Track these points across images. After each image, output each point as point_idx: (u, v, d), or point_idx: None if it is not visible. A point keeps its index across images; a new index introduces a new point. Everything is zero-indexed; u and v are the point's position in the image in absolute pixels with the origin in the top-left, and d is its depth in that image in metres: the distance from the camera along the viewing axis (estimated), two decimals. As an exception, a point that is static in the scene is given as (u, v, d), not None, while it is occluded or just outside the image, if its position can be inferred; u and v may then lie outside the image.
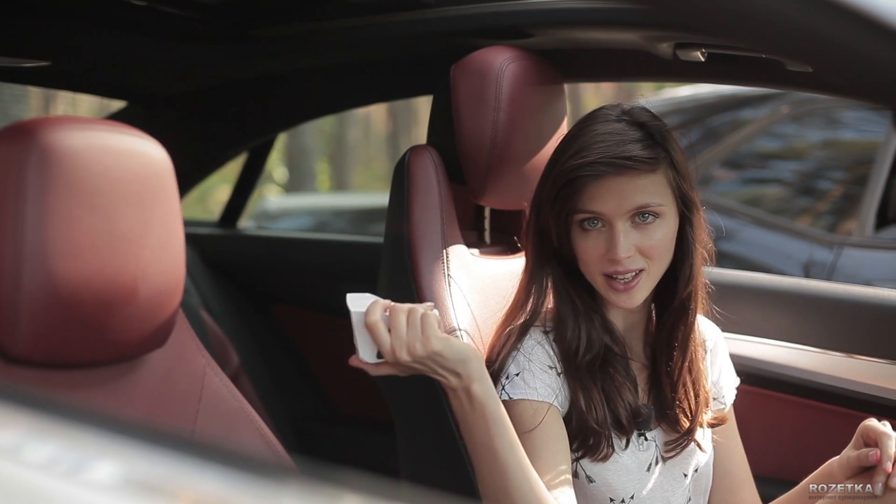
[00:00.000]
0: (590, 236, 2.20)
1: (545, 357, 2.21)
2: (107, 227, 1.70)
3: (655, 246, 2.19)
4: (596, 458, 2.21)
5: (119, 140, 1.76)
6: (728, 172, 5.59)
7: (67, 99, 15.68)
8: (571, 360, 2.21)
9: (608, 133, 2.18)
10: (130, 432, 1.09)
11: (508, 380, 2.20)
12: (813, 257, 4.82)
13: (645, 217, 2.18)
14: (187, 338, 2.01)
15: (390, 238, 2.51)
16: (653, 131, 2.21)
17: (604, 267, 2.19)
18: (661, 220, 2.19)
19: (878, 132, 5.06)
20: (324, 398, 4.11)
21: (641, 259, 2.18)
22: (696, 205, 2.26)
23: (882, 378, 2.69)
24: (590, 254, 2.20)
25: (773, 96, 5.42)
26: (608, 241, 2.18)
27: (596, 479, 2.22)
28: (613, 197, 2.16)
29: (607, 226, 2.18)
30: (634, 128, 2.20)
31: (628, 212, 2.17)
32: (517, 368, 2.20)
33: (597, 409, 2.20)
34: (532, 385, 2.18)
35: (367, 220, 8.29)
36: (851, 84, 1.73)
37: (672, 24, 2.48)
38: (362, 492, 1.03)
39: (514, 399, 2.18)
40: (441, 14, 2.83)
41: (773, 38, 1.18)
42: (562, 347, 2.22)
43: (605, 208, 2.17)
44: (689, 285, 2.27)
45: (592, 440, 2.21)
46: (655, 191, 2.18)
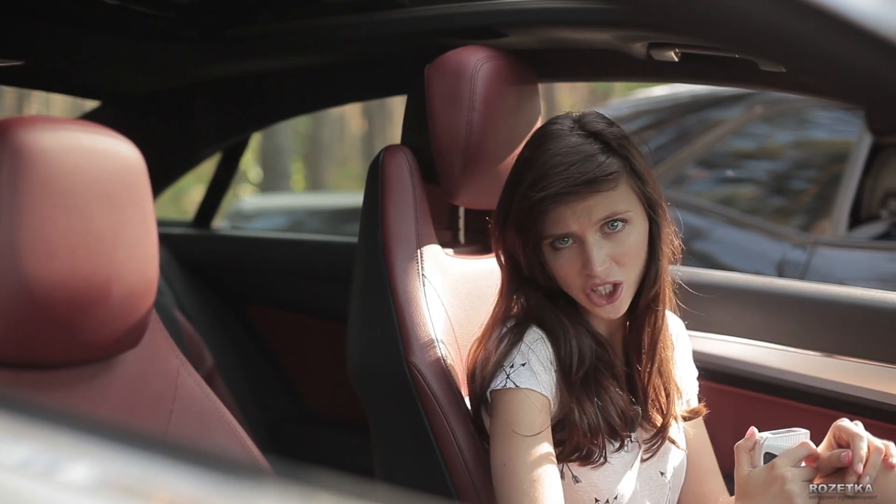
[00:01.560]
0: (563, 255, 2.21)
1: (547, 353, 2.21)
2: (80, 227, 1.70)
3: (628, 252, 2.19)
4: (586, 464, 2.22)
5: (92, 140, 1.75)
6: (702, 172, 5.60)
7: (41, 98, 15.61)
8: (567, 376, 2.21)
9: (565, 153, 2.17)
10: (104, 433, 1.09)
11: (514, 369, 2.18)
12: (786, 257, 4.83)
13: (614, 226, 2.18)
14: (161, 338, 2.01)
15: (364, 238, 2.50)
16: (609, 140, 2.20)
17: (583, 282, 2.19)
18: (630, 225, 2.20)
19: (850, 132, 5.08)
20: (298, 398, 4.11)
21: (617, 270, 2.18)
22: (660, 206, 2.27)
23: (855, 377, 2.70)
24: (566, 271, 2.21)
25: (747, 96, 5.43)
26: (582, 256, 2.18)
27: (582, 480, 2.22)
28: (579, 216, 2.16)
29: (578, 241, 2.19)
30: (590, 140, 2.19)
31: (596, 224, 2.17)
32: (523, 359, 2.19)
33: (590, 420, 2.20)
34: (537, 377, 2.17)
35: (341, 219, 8.28)
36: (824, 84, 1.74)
37: (645, 24, 2.49)
38: (337, 492, 1.03)
39: (520, 387, 2.17)
40: (415, 14, 2.83)
41: (745, 39, 1.19)
42: (558, 360, 2.23)
43: (574, 227, 2.17)
44: (656, 286, 2.28)
45: (587, 450, 2.21)
46: (620, 200, 2.19)
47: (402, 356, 2.32)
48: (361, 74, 3.42)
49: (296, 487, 1.04)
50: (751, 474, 2.13)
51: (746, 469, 2.14)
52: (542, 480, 2.11)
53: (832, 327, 2.82)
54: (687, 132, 5.57)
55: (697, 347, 2.65)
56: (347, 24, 2.93)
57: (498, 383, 2.19)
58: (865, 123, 3.97)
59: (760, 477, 2.11)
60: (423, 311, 2.37)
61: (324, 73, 3.49)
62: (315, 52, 3.22)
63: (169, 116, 3.89)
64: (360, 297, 2.49)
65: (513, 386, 2.17)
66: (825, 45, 1.11)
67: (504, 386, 2.17)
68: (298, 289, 4.03)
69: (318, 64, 3.41)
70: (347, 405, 3.19)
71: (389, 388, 2.37)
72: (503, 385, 2.17)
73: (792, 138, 5.69)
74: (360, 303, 2.49)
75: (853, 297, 2.83)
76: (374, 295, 2.42)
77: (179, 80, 3.67)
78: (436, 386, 2.30)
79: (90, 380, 1.86)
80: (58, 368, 1.81)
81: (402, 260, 2.42)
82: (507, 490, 2.13)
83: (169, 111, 3.86)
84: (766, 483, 2.09)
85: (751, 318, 2.95)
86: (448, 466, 2.29)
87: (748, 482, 2.12)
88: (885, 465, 2.08)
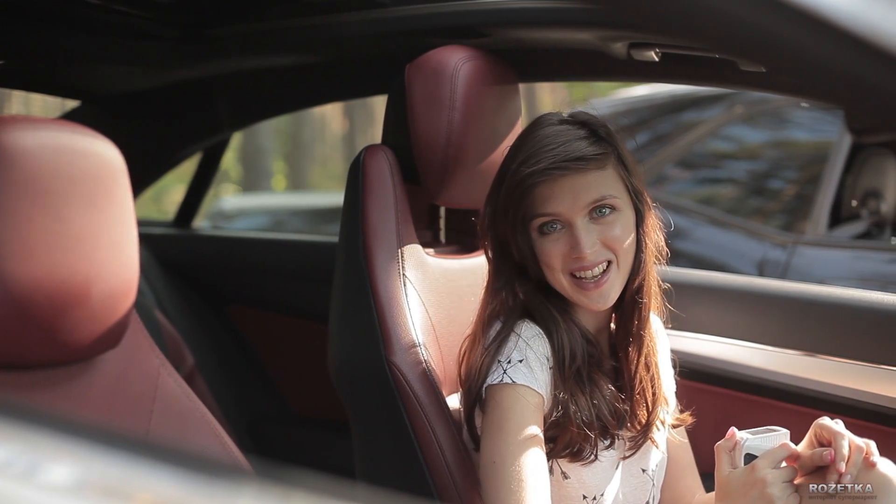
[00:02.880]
0: (550, 239, 2.21)
1: (544, 349, 2.21)
2: (59, 227, 1.69)
3: (618, 237, 2.21)
4: (578, 460, 2.22)
5: (72, 140, 1.75)
6: (682, 172, 5.62)
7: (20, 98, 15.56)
8: (562, 370, 2.21)
9: (554, 135, 2.21)
10: (85, 434, 1.09)
11: (511, 364, 2.18)
12: (767, 256, 4.85)
13: (602, 211, 2.20)
14: (141, 338, 2.00)
15: (345, 238, 2.50)
16: (596, 128, 2.24)
17: (569, 266, 2.20)
18: (619, 213, 2.21)
19: (830, 132, 5.10)
20: (279, 398, 4.10)
21: (606, 251, 2.20)
22: (646, 200, 2.29)
23: (835, 376, 2.71)
24: (553, 255, 2.21)
25: (727, 96, 5.45)
26: (570, 240, 2.19)
27: (571, 477, 2.23)
28: (568, 196, 2.18)
29: (566, 226, 2.20)
30: (577, 126, 2.23)
31: (585, 208, 2.19)
32: (520, 355, 2.18)
33: (584, 416, 2.20)
34: (534, 374, 2.17)
35: (322, 219, 8.28)
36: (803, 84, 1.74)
37: (626, 24, 2.49)
38: (317, 492, 1.03)
39: (517, 384, 2.16)
40: (396, 13, 2.83)
41: (725, 39, 1.19)
42: (554, 352, 2.23)
43: (561, 208, 2.18)
44: (640, 276, 2.28)
45: (578, 446, 2.21)
46: (607, 184, 2.21)
47: (382, 356, 2.32)
48: (342, 74, 3.42)
49: (276, 487, 1.04)
50: (731, 475, 2.14)
51: (727, 470, 2.15)
52: (531, 480, 2.10)
53: (812, 326, 2.83)
54: (668, 132, 5.58)
55: (678, 346, 2.66)
56: (328, 24, 2.93)
57: (494, 378, 2.18)
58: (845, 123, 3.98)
59: (741, 479, 2.12)
60: (404, 310, 2.37)
61: (304, 72, 3.48)
62: (295, 52, 3.22)
63: (149, 116, 3.88)
64: (341, 296, 2.49)
65: (509, 381, 2.16)
66: (805, 45, 1.11)
67: (500, 381, 2.17)
68: (279, 288, 4.02)
69: (298, 63, 3.40)
70: (328, 405, 3.18)
71: (370, 388, 2.36)
72: (499, 380, 2.17)
73: (772, 138, 5.71)
74: (341, 302, 2.48)
75: (833, 296, 2.84)
76: (355, 295, 2.41)
77: (160, 80, 3.65)
78: (417, 385, 2.30)
79: (70, 380, 1.85)
80: (37, 369, 1.80)
81: (383, 260, 2.42)
82: (494, 487, 2.13)
83: (149, 111, 3.85)
84: (746, 485, 2.10)
85: (731, 317, 2.95)
86: (429, 466, 2.29)
87: (729, 483, 2.13)
88: (866, 464, 2.09)
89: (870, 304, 2.75)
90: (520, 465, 2.11)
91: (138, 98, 3.78)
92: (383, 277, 2.40)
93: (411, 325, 2.36)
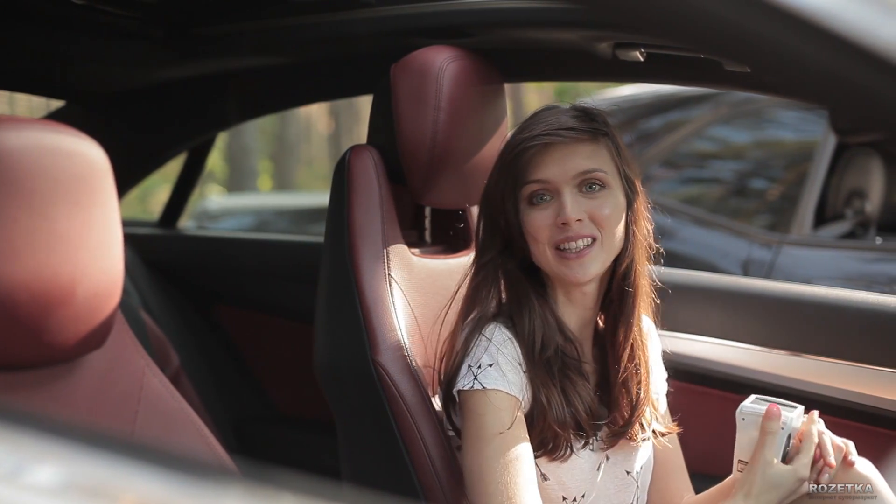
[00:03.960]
0: (539, 209, 2.23)
1: (514, 352, 2.21)
2: (44, 227, 1.69)
3: (608, 216, 2.22)
4: (554, 458, 2.22)
5: (57, 140, 1.74)
6: (667, 171, 5.62)
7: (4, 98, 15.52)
8: (531, 357, 2.21)
9: (553, 113, 2.27)
10: (70, 434, 1.08)
11: (481, 370, 2.18)
12: (752, 256, 4.86)
13: (592, 187, 2.22)
14: (126, 339, 2.00)
15: (330, 238, 2.50)
16: (592, 114, 2.29)
17: (554, 236, 2.20)
18: (608, 191, 2.23)
19: (815, 132, 5.11)
20: (264, 398, 4.10)
21: (593, 227, 2.21)
22: (638, 190, 2.31)
23: (820, 375, 2.72)
24: (540, 227, 2.22)
25: (713, 96, 5.45)
26: (557, 208, 2.20)
27: (550, 478, 2.23)
28: (557, 163, 2.20)
29: (555, 196, 2.21)
30: (575, 109, 2.29)
31: (574, 178, 2.21)
32: (490, 359, 2.19)
33: (557, 409, 2.20)
34: (506, 377, 2.17)
35: (307, 219, 8.27)
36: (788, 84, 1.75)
37: (611, 24, 2.49)
38: (303, 492, 1.03)
39: (488, 389, 2.16)
40: (381, 13, 2.83)
41: (710, 39, 1.19)
42: (522, 343, 2.23)
43: (550, 175, 2.20)
44: (626, 266, 2.29)
45: (552, 443, 2.21)
46: (597, 158, 2.24)
47: (368, 356, 2.32)
48: (328, 74, 3.42)
49: (261, 487, 1.04)
50: (778, 469, 2.16)
51: (771, 458, 2.16)
52: (514, 485, 2.11)
53: (797, 326, 2.84)
54: (653, 132, 5.59)
55: (663, 346, 2.66)
56: (314, 24, 2.93)
57: (465, 384, 2.19)
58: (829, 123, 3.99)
59: (785, 475, 2.15)
60: (390, 310, 2.37)
61: (290, 72, 3.48)
62: (281, 52, 3.22)
63: (134, 116, 3.87)
64: (327, 296, 2.49)
65: (480, 387, 2.17)
66: (789, 45, 1.12)
67: (471, 387, 2.17)
68: (265, 289, 4.02)
69: (284, 63, 3.40)
70: (314, 405, 3.18)
71: (356, 388, 2.36)
72: (470, 386, 2.18)
73: (757, 138, 5.72)
74: (327, 303, 2.48)
75: (818, 296, 2.85)
76: (341, 295, 2.41)
77: (145, 80, 3.65)
78: (402, 385, 2.30)
79: (55, 381, 1.85)
80: (22, 370, 1.80)
81: (369, 260, 2.42)
82: (480, 496, 2.13)
83: (134, 111, 3.85)
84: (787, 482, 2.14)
85: (716, 316, 2.96)
86: (415, 466, 2.29)
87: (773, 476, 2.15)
88: (844, 464, 2.10)
89: (854, 303, 2.76)
90: (502, 471, 2.11)
91: (123, 98, 3.77)
92: (369, 277, 2.40)
93: (397, 325, 2.36)
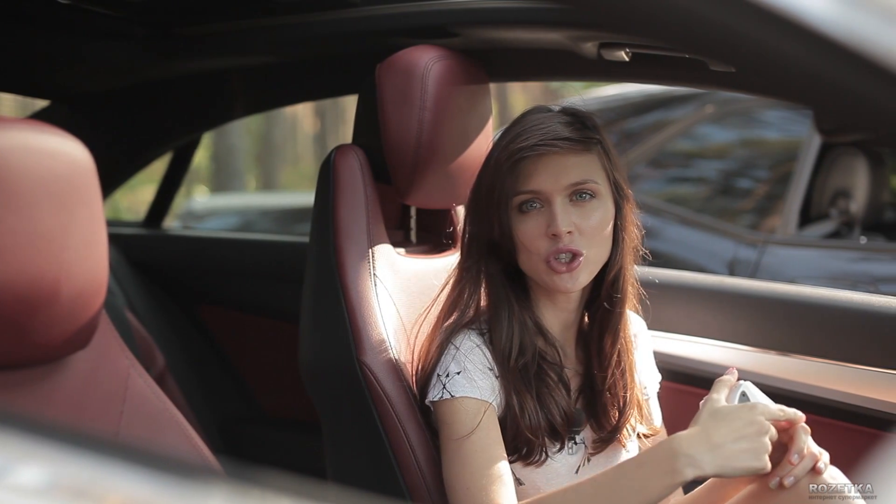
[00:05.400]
0: (529, 218, 2.22)
1: (484, 358, 2.22)
2: (28, 227, 1.68)
3: (595, 227, 2.22)
4: (529, 463, 2.22)
5: (41, 140, 1.74)
6: (653, 171, 5.63)
7: (-10, 98, 15.48)
8: (505, 364, 2.22)
9: (544, 119, 2.25)
10: (55, 435, 1.08)
11: (449, 378, 2.19)
12: (737, 255, 4.87)
13: (582, 196, 2.22)
14: (111, 339, 1.99)
15: (316, 238, 2.50)
16: (583, 118, 2.28)
17: (545, 247, 2.20)
18: (598, 200, 2.23)
19: (800, 131, 5.12)
20: (249, 399, 4.10)
21: (581, 240, 2.20)
22: (627, 195, 2.31)
23: (804, 374, 2.72)
24: (530, 235, 2.21)
25: (698, 96, 5.47)
26: (548, 218, 2.20)
27: (525, 482, 2.23)
28: (550, 174, 2.20)
29: (546, 205, 2.21)
30: (566, 115, 2.28)
31: (565, 188, 2.20)
32: (458, 367, 2.20)
33: (531, 415, 2.20)
34: (474, 383, 2.18)
35: (293, 219, 8.27)
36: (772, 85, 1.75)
37: (595, 23, 2.49)
38: (289, 493, 1.03)
39: (456, 397, 2.17)
40: (366, 13, 2.83)
41: (694, 39, 1.20)
42: (496, 350, 2.23)
43: (542, 185, 2.20)
44: (615, 272, 2.29)
45: (526, 448, 2.21)
46: (590, 169, 2.23)
47: (353, 356, 2.32)
48: (313, 74, 3.42)
49: (247, 488, 1.04)
50: (727, 405, 2.10)
51: (723, 401, 2.11)
52: (493, 487, 2.11)
53: (782, 325, 2.84)
54: (639, 132, 5.60)
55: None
56: (298, 24, 2.93)
57: (435, 394, 2.21)
58: (813, 123, 3.99)
59: (737, 412, 2.07)
60: (375, 310, 2.37)
61: (275, 72, 3.48)
62: (266, 52, 3.21)
63: (119, 116, 3.87)
64: (312, 296, 2.49)
65: (448, 396, 2.19)
66: (774, 46, 1.12)
67: (441, 396, 2.19)
68: (250, 289, 4.02)
69: (269, 63, 3.40)
70: (299, 405, 3.18)
71: (341, 388, 2.36)
72: (440, 395, 2.19)
73: (742, 137, 5.73)
74: (312, 303, 2.48)
75: (803, 295, 2.85)
76: (326, 295, 2.41)
77: (129, 79, 3.64)
78: (388, 385, 2.30)
79: (39, 381, 1.84)
80: (6, 370, 1.79)
81: (354, 260, 2.42)
82: (459, 500, 2.14)
83: (119, 110, 3.84)
84: (741, 419, 2.05)
85: (701, 316, 2.96)
86: (400, 466, 2.29)
87: (720, 410, 2.07)
88: (813, 470, 2.10)
89: (839, 303, 2.77)
90: (478, 475, 2.12)
91: (108, 98, 3.76)
92: (354, 277, 2.40)
93: (382, 325, 2.36)
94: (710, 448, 2.00)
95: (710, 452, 2.00)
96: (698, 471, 2.00)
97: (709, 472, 2.01)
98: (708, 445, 2.01)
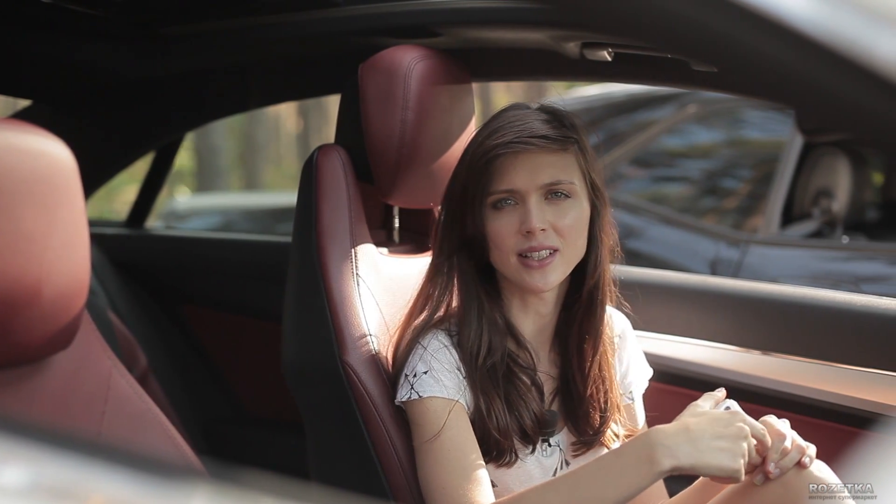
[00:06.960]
0: (503, 214, 2.22)
1: (451, 358, 2.22)
2: (9, 227, 1.68)
3: (570, 226, 2.21)
4: (500, 464, 2.22)
5: (23, 139, 1.73)
6: (636, 171, 5.64)
7: (-27, 98, 15.44)
8: (472, 363, 2.22)
9: (522, 115, 2.25)
10: (37, 436, 1.08)
11: (416, 378, 2.20)
12: (720, 255, 4.88)
13: (558, 195, 2.21)
14: (93, 339, 1.99)
15: (298, 237, 2.50)
16: (561, 117, 2.26)
17: (518, 244, 2.20)
18: (574, 200, 2.23)
19: (782, 131, 5.14)
20: (232, 399, 4.09)
21: (556, 237, 2.20)
22: (604, 196, 2.31)
23: (787, 373, 2.73)
24: (503, 232, 2.21)
25: (680, 96, 5.48)
26: (522, 215, 2.20)
27: (498, 485, 2.22)
28: (526, 172, 2.19)
29: (520, 202, 2.21)
30: (544, 112, 2.27)
31: (541, 187, 2.20)
32: (425, 367, 2.20)
33: (498, 417, 2.20)
34: (441, 382, 2.18)
35: (275, 219, 8.26)
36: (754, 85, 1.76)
37: (578, 23, 2.50)
38: (272, 493, 1.03)
39: (424, 397, 2.18)
40: (349, 13, 2.83)
41: (676, 39, 1.20)
42: (464, 349, 2.23)
43: (518, 183, 2.20)
44: (595, 274, 2.29)
45: (496, 450, 2.21)
46: (566, 168, 2.22)
47: (336, 356, 2.32)
48: (296, 73, 3.41)
49: (230, 488, 1.04)
50: (711, 410, 2.10)
51: (707, 408, 2.11)
52: (468, 484, 2.12)
53: (764, 325, 2.85)
54: (621, 131, 5.61)
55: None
56: (281, 24, 2.93)
57: (403, 394, 2.21)
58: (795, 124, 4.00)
59: (720, 415, 2.08)
60: (358, 310, 2.37)
61: (258, 72, 3.48)
62: (249, 51, 3.21)
63: (101, 115, 3.86)
64: (295, 296, 2.48)
65: (416, 396, 2.19)
66: (755, 46, 1.12)
67: (409, 397, 2.20)
68: (233, 289, 4.01)
69: (251, 63, 3.40)
70: (283, 405, 3.18)
71: (324, 388, 2.36)
72: (408, 396, 2.20)
73: (725, 137, 5.75)
74: (295, 303, 2.48)
75: (786, 295, 2.86)
76: (309, 295, 2.41)
77: (111, 79, 3.64)
78: (370, 385, 2.30)
79: (21, 382, 1.84)
80: (-12, 370, 1.79)
81: (336, 259, 2.42)
82: (435, 500, 2.15)
83: (101, 110, 3.83)
84: (722, 422, 2.05)
85: (684, 315, 2.97)
86: (383, 466, 2.29)
87: (704, 413, 2.08)
88: (798, 464, 2.10)
89: (821, 302, 2.77)
90: (451, 473, 2.13)
91: (90, 97, 3.75)
92: (337, 277, 2.40)
93: (364, 325, 2.36)
94: (688, 440, 2.00)
95: (687, 444, 2.00)
96: (675, 461, 1.99)
97: (684, 464, 2.00)
98: (686, 437, 2.01)
